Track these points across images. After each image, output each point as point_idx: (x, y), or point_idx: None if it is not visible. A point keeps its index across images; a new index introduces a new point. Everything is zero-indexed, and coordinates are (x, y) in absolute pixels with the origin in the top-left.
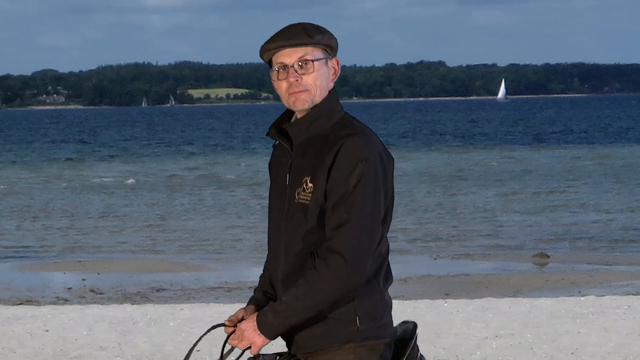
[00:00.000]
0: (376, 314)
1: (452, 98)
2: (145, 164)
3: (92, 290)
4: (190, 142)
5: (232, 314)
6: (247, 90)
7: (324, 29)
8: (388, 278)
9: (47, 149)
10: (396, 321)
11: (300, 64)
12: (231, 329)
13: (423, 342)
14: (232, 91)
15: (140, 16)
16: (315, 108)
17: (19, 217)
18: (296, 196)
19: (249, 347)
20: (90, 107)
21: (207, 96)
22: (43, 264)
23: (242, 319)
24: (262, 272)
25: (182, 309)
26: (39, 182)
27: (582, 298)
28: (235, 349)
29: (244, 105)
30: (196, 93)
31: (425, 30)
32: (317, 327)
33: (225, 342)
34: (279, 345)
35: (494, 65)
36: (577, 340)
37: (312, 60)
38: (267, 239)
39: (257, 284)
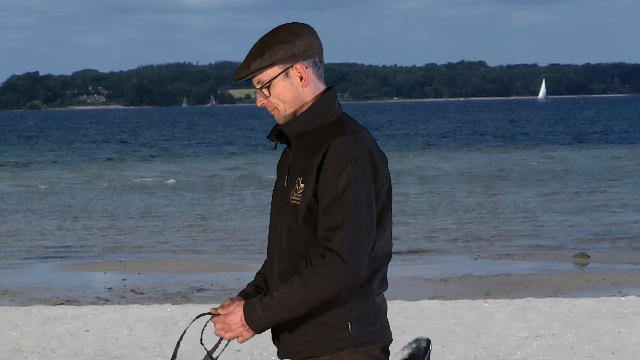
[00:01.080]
0: (369, 319)
1: (493, 98)
2: (186, 164)
3: (133, 290)
4: (231, 142)
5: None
6: None
7: (274, 41)
8: (383, 283)
9: (88, 149)
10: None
11: (260, 87)
12: (217, 318)
13: (464, 342)
14: None
15: (180, 16)
16: (310, 108)
17: (60, 217)
18: (290, 197)
19: (236, 338)
20: (130, 107)
21: (248, 96)
22: (84, 264)
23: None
24: (260, 268)
25: None
26: (79, 182)
27: (622, 298)
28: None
29: None
30: (237, 93)
31: (466, 30)
32: (309, 333)
33: (203, 328)
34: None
35: (534, 65)
36: (618, 341)
37: (268, 82)
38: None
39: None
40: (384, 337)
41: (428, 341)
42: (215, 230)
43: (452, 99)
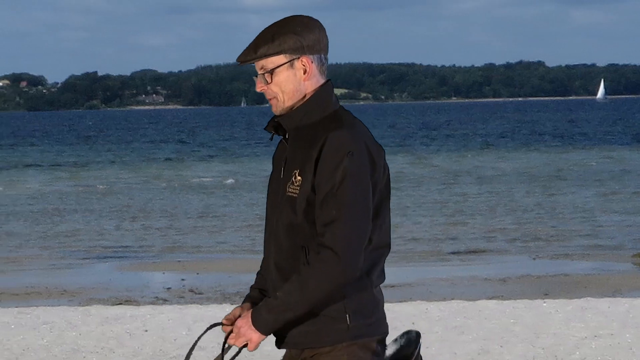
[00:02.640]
0: (366, 311)
1: (551, 98)
2: (245, 164)
3: (191, 290)
4: None
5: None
6: (346, 90)
7: (286, 30)
8: (381, 275)
9: (146, 149)
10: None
11: (263, 73)
12: (229, 328)
13: (522, 342)
14: None
15: (239, 16)
16: (307, 101)
17: (118, 217)
18: (287, 189)
19: (246, 345)
20: (189, 107)
21: None
22: (142, 264)
23: (239, 317)
24: (259, 269)
25: None
26: (138, 182)
27: None
28: (234, 348)
29: (343, 105)
30: None
31: (524, 30)
32: (308, 324)
33: (225, 340)
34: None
35: (593, 65)
36: None
37: (271, 69)
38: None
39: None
40: (381, 329)
41: (418, 334)
42: None
43: (510, 99)
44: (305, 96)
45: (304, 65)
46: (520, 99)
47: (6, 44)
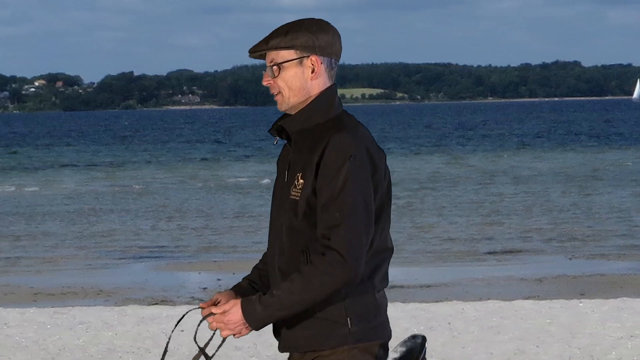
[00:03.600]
0: (368, 315)
1: (587, 98)
2: None
3: None
4: None
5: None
6: (382, 90)
7: (300, 27)
8: (383, 279)
9: (182, 149)
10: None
11: (271, 66)
12: (207, 312)
13: (558, 342)
14: (367, 91)
15: (275, 16)
16: (310, 104)
17: (154, 217)
18: (290, 192)
19: (232, 335)
20: (225, 107)
21: (342, 96)
22: (178, 264)
23: (217, 302)
24: (257, 263)
25: None
26: (174, 182)
27: None
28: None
29: (379, 105)
30: None
31: (560, 30)
32: (309, 327)
33: (200, 322)
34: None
35: (629, 65)
36: None
37: (280, 63)
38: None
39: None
40: (384, 333)
41: (424, 338)
42: None
43: (546, 99)
44: (309, 97)
45: (312, 64)
46: (556, 99)
47: (43, 44)
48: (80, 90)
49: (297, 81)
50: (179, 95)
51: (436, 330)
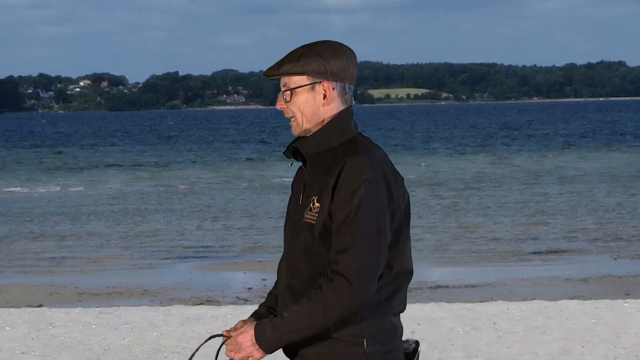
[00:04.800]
0: (384, 338)
1: (632, 98)
2: None
3: None
4: None
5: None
6: (427, 90)
7: (313, 52)
8: (401, 303)
9: (228, 149)
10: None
11: (284, 91)
12: (229, 340)
13: (604, 342)
14: (413, 91)
15: (321, 16)
16: (324, 127)
17: (200, 217)
18: (305, 215)
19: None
20: (270, 107)
21: (388, 96)
22: (223, 264)
23: None
24: (272, 289)
25: None
26: (219, 182)
27: None
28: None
29: (424, 105)
30: (376, 93)
31: (606, 30)
32: (324, 346)
33: (219, 350)
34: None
35: None
36: None
37: (292, 88)
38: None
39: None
40: (398, 357)
41: (417, 343)
42: None
43: (591, 99)
44: (323, 121)
45: (324, 90)
46: (601, 99)
47: (88, 44)
48: (125, 90)
49: (310, 107)
50: (224, 95)
51: (481, 330)
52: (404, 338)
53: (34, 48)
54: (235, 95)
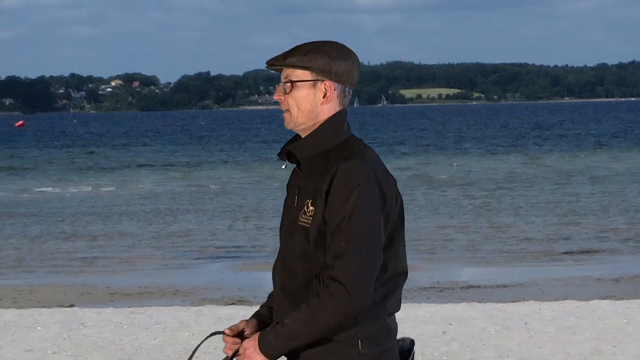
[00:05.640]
0: (379, 339)
1: None
2: None
3: None
4: (402, 142)
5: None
6: (458, 90)
7: (320, 50)
8: (395, 304)
9: (259, 149)
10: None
11: (284, 82)
12: (230, 339)
13: (635, 342)
14: (444, 91)
15: (351, 16)
16: (318, 129)
17: (231, 217)
18: (299, 218)
19: None
20: None
21: (419, 96)
22: (255, 264)
23: (242, 331)
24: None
25: None
26: (250, 182)
27: None
28: None
29: (456, 105)
30: (408, 93)
31: (638, 29)
32: (319, 347)
33: (233, 355)
34: None
35: None
36: None
37: (293, 81)
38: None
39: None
40: (393, 357)
41: (412, 342)
42: None
43: (623, 99)
44: (317, 121)
45: (325, 89)
46: (633, 99)
47: (119, 44)
48: (156, 90)
49: (308, 103)
50: (256, 95)
51: (513, 330)
52: (399, 337)
53: (65, 48)
54: (266, 95)
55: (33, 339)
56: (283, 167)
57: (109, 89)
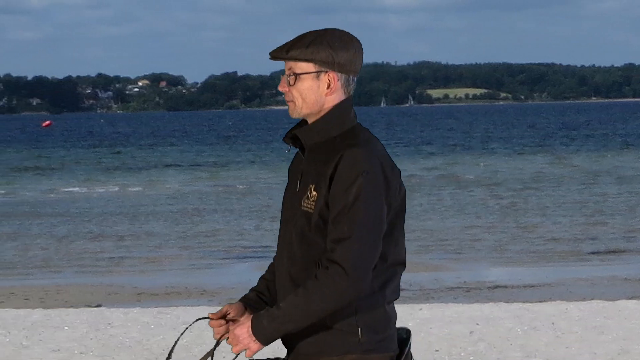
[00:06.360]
0: (378, 327)
1: None
2: None
3: None
4: (429, 142)
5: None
6: (485, 90)
7: (322, 40)
8: (394, 292)
9: (286, 149)
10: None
11: (288, 74)
12: (215, 323)
13: None
14: (471, 91)
15: (378, 16)
16: (324, 116)
17: (258, 217)
18: (302, 203)
19: (244, 351)
20: None
21: (446, 96)
22: None
23: (227, 314)
24: (264, 273)
25: (420, 309)
26: (277, 182)
27: None
28: (227, 348)
29: (483, 105)
30: (435, 93)
31: None
32: (318, 335)
33: (218, 342)
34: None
35: None
36: None
37: (297, 74)
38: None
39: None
40: (392, 346)
41: (408, 332)
42: (413, 230)
43: None
44: (322, 110)
45: (329, 80)
46: None
47: (146, 44)
48: (183, 90)
49: (312, 94)
50: (283, 95)
51: (540, 330)
52: (396, 326)
53: (92, 48)
54: None
55: (60, 339)
56: (287, 150)
57: (136, 89)
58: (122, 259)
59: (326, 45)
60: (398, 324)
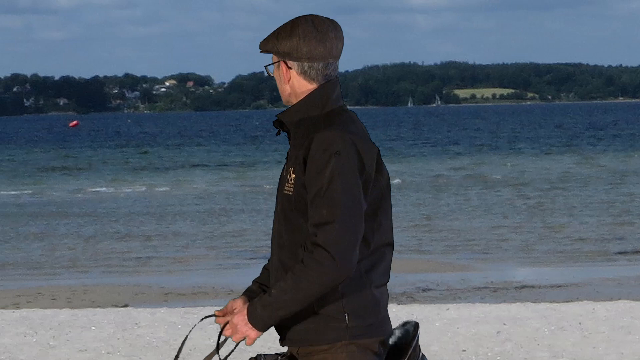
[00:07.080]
0: (366, 311)
1: None
2: (411, 164)
3: None
4: (456, 142)
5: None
6: (513, 90)
7: (289, 32)
8: (384, 275)
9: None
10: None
11: (266, 66)
12: (221, 320)
13: None
14: (498, 91)
15: (406, 16)
16: (303, 99)
17: None
18: (284, 186)
19: (244, 339)
20: (356, 107)
21: (473, 96)
22: None
23: (232, 309)
24: (266, 263)
25: (448, 309)
26: None
27: None
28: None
29: (510, 105)
30: (462, 93)
31: None
32: (307, 322)
33: (220, 333)
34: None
35: None
36: None
37: (266, 66)
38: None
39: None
40: (383, 330)
41: (416, 325)
42: (440, 230)
43: None
44: (297, 96)
45: (286, 70)
46: None
47: (174, 44)
48: (211, 90)
49: (280, 83)
50: None
51: (567, 330)
52: (404, 320)
53: (119, 48)
54: None
55: (87, 339)
56: (277, 134)
57: (163, 89)
58: (149, 259)
59: (291, 37)
60: (422, 325)
